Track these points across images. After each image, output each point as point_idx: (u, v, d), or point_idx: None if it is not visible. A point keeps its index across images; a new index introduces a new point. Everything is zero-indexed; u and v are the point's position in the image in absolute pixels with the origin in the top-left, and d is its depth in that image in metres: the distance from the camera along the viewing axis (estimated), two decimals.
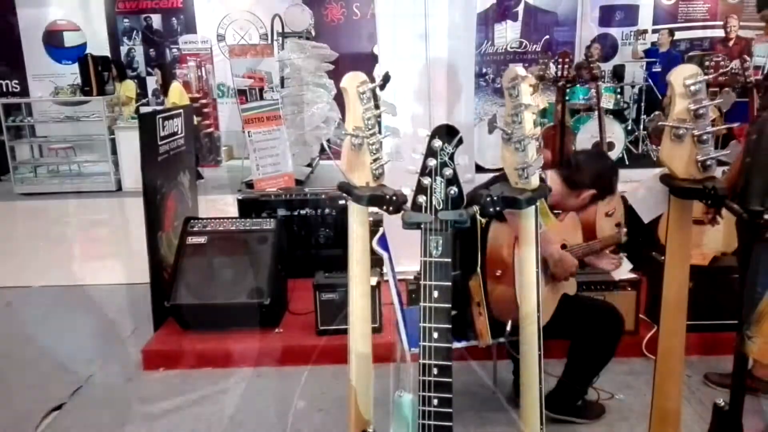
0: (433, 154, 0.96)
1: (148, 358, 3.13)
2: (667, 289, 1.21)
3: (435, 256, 0.96)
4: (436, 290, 0.97)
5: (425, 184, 0.96)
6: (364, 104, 1.11)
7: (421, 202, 0.96)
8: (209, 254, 3.25)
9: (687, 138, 1.12)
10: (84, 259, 5.13)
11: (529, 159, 1.14)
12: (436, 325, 0.97)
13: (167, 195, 3.45)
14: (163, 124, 3.34)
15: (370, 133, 1.12)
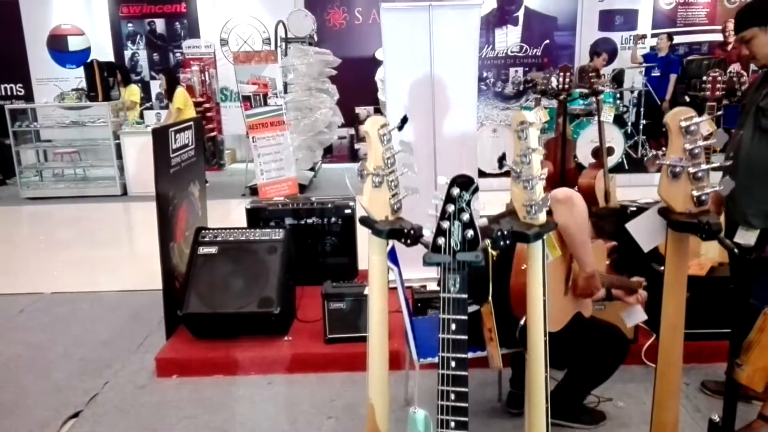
0: (452, 201, 1.05)
1: (162, 365, 3.21)
2: (665, 315, 1.30)
3: (453, 293, 1.05)
4: (453, 323, 1.06)
5: (444, 227, 1.05)
6: (385, 145, 1.20)
7: (440, 243, 1.05)
8: (220, 264, 3.34)
9: (683, 175, 1.21)
10: (94, 266, 5.21)
11: (536, 197, 1.22)
12: (454, 354, 1.06)
13: (179, 206, 3.54)
14: (175, 137, 3.43)
15: (389, 171, 1.20)
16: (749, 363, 1.04)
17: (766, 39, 2.31)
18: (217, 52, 9.51)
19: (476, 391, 2.99)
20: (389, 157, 1.20)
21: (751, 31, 2.33)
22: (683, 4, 9.73)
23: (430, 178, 3.91)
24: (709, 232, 1.17)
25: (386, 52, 3.74)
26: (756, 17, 2.32)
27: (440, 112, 3.82)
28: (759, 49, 2.35)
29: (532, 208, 1.22)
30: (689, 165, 1.19)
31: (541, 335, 1.28)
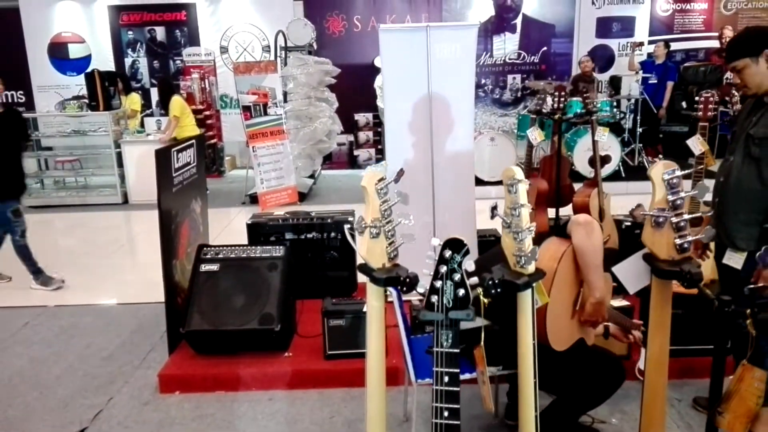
0: (445, 262, 1.12)
1: (164, 382, 3.27)
2: (650, 354, 1.36)
3: (446, 347, 1.11)
4: (446, 376, 1.13)
5: (437, 286, 1.12)
6: (381, 198, 1.26)
7: (434, 301, 1.11)
8: (221, 281, 3.40)
9: (666, 224, 1.27)
10: (95, 277, 5.26)
11: (525, 249, 1.29)
12: (446, 405, 1.12)
13: (181, 223, 3.60)
14: (177, 157, 3.49)
15: (386, 221, 1.27)
16: (729, 411, 1.10)
17: (757, 69, 2.37)
18: (217, 59, 9.57)
19: (475, 404, 3.06)
20: (386, 210, 1.27)
21: (743, 61, 2.39)
22: (680, 11, 9.81)
23: (427, 192, 3.98)
24: (691, 281, 1.24)
25: (385, 72, 3.80)
26: (748, 48, 2.38)
27: (438, 131, 3.89)
28: (750, 78, 2.41)
29: (522, 258, 1.28)
30: (672, 215, 1.26)
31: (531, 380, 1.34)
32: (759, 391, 1.08)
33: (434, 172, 3.95)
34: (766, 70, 2.35)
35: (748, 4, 9.81)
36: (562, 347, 2.22)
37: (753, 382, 1.07)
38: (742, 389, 1.08)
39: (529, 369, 1.36)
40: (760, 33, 2.44)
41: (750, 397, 1.08)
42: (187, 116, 7.61)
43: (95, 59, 9.56)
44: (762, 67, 2.35)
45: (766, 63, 2.35)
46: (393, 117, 3.88)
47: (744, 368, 1.08)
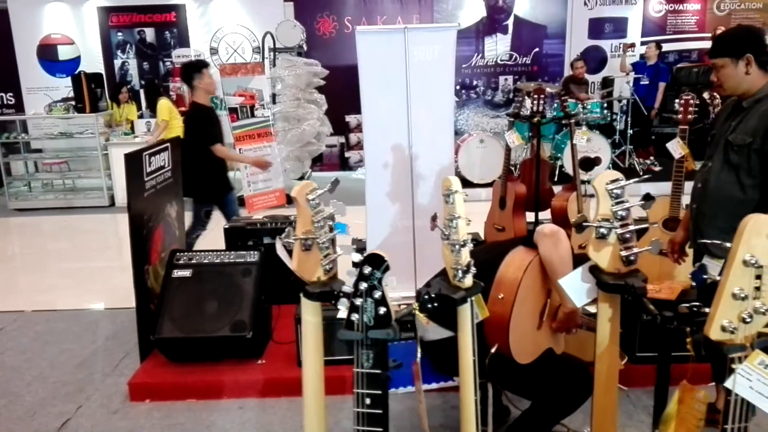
0: (365, 279, 1.06)
1: (134, 390, 3.22)
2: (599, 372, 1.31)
3: (366, 368, 1.06)
4: (368, 398, 1.07)
5: (357, 304, 1.06)
6: (314, 209, 1.21)
7: (354, 320, 1.06)
8: (194, 287, 3.35)
9: (611, 236, 1.22)
10: (76, 282, 5.21)
11: (462, 262, 1.24)
12: (369, 428, 1.07)
13: (154, 228, 3.54)
14: (150, 161, 3.44)
15: (320, 233, 1.21)
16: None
17: (735, 71, 2.30)
18: (207, 61, 9.50)
19: (450, 414, 3.01)
20: (319, 221, 1.21)
21: (723, 59, 2.32)
22: (673, 11, 9.76)
23: (407, 196, 3.92)
24: (634, 295, 1.18)
25: (362, 74, 3.73)
26: (732, 47, 2.32)
27: (417, 133, 3.82)
28: (726, 79, 2.35)
29: (458, 271, 1.23)
30: (616, 227, 1.20)
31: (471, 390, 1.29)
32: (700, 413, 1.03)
33: (413, 176, 3.89)
34: (744, 74, 2.29)
35: (741, 5, 9.76)
36: (527, 359, 2.16)
37: (694, 404, 1.02)
38: (683, 411, 1.03)
39: (469, 384, 1.31)
40: (747, 35, 2.37)
41: (691, 419, 1.02)
42: (175, 119, 7.54)
43: (85, 61, 9.51)
44: (740, 70, 2.29)
45: (745, 66, 2.28)
46: (371, 120, 3.82)
47: (684, 389, 1.02)
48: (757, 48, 2.27)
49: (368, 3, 9.47)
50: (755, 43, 2.29)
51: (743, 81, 2.30)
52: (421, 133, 3.84)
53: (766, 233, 0.93)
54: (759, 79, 2.29)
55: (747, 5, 9.74)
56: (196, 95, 4.42)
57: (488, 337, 2.16)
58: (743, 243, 0.94)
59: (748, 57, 2.26)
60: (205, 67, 4.46)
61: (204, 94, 4.44)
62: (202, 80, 4.36)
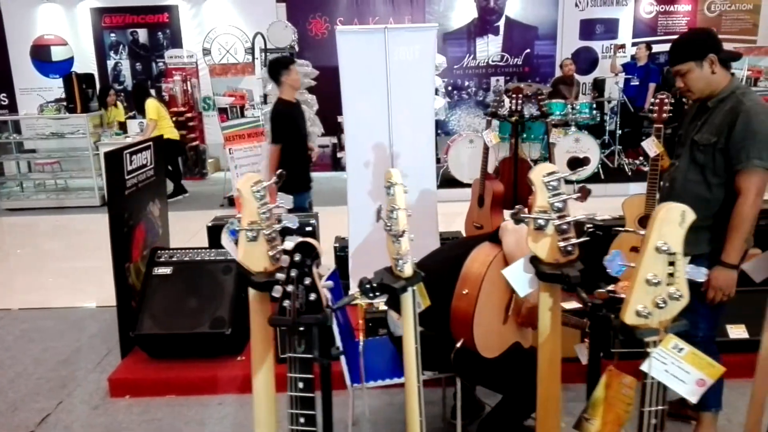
0: (296, 266, 1.10)
1: (114, 386, 3.25)
2: (542, 361, 1.34)
3: (299, 353, 1.09)
4: (301, 382, 1.10)
5: (289, 290, 1.10)
6: (259, 201, 1.24)
7: (285, 306, 1.09)
8: (174, 285, 3.38)
9: (549, 227, 1.25)
10: (65, 281, 5.24)
11: (402, 252, 1.27)
12: (302, 411, 1.10)
13: (136, 226, 3.58)
14: (131, 159, 3.47)
15: (266, 225, 1.24)
16: (597, 417, 1.08)
17: (701, 74, 2.31)
18: (200, 61, 9.55)
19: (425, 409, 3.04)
20: (264, 212, 1.24)
21: (687, 64, 2.32)
22: (663, 12, 9.80)
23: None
24: (569, 284, 1.22)
25: (343, 74, 3.78)
26: (692, 51, 2.32)
27: (398, 133, 3.87)
28: (693, 83, 2.35)
29: (398, 261, 1.26)
30: (554, 219, 1.24)
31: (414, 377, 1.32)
32: (628, 398, 1.06)
33: None
34: (710, 75, 2.30)
35: (732, 6, 9.81)
36: (493, 354, 2.20)
37: (621, 389, 1.05)
38: (610, 396, 1.06)
39: (412, 374, 1.34)
40: (704, 36, 2.39)
41: (619, 403, 1.05)
42: (164, 119, 7.60)
43: (78, 61, 9.55)
44: (706, 72, 2.30)
45: (710, 67, 2.29)
46: (352, 119, 3.86)
47: (611, 374, 1.06)
48: (717, 47, 2.30)
49: (360, 4, 9.52)
50: (714, 42, 2.32)
51: (710, 82, 2.31)
52: (402, 132, 3.88)
53: (678, 221, 0.97)
54: (723, 79, 2.31)
55: (737, 6, 9.79)
56: (282, 91, 4.46)
57: (453, 331, 2.20)
58: (655, 231, 0.97)
59: (711, 57, 2.28)
60: (292, 63, 4.51)
61: (290, 89, 4.48)
62: (289, 76, 4.41)
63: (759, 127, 2.15)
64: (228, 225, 1.28)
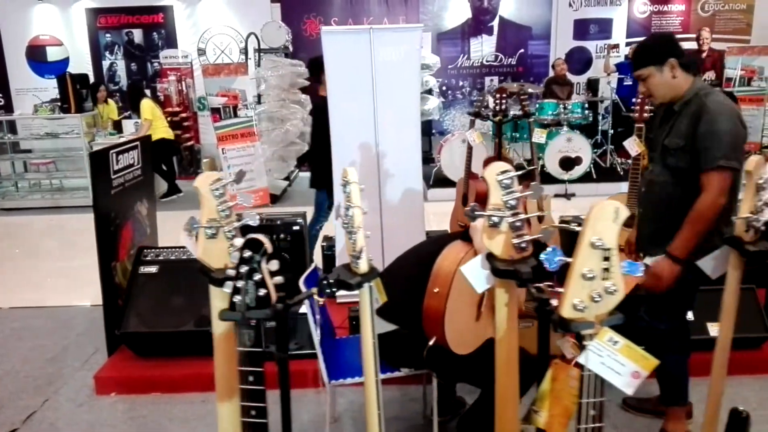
0: (245, 262, 1.12)
1: (100, 383, 3.28)
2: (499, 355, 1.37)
3: (248, 347, 1.12)
4: (251, 375, 1.13)
5: (239, 286, 1.12)
6: (218, 199, 1.27)
7: (236, 301, 1.12)
8: (160, 283, 3.41)
9: (503, 224, 1.28)
10: (58, 280, 5.28)
11: (357, 249, 1.30)
12: (254, 404, 1.13)
13: (122, 225, 3.60)
14: (117, 159, 3.50)
15: (226, 222, 1.27)
16: (545, 409, 1.11)
17: (662, 78, 2.32)
18: (195, 62, 9.58)
19: (405, 405, 3.08)
20: (224, 209, 1.27)
21: (647, 69, 2.35)
22: (657, 12, 9.83)
23: (374, 194, 3.99)
24: (521, 280, 1.25)
25: (328, 74, 3.80)
26: (652, 56, 2.34)
27: (384, 132, 3.89)
28: (655, 88, 2.37)
29: (353, 258, 1.29)
30: (507, 216, 1.26)
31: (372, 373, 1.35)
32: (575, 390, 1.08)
33: (380, 174, 3.95)
34: (671, 79, 2.31)
35: (725, 6, 9.83)
36: (466, 350, 2.22)
37: (568, 381, 1.07)
38: (557, 388, 1.08)
39: (370, 369, 1.37)
40: (664, 41, 2.41)
41: (566, 396, 1.08)
42: (158, 118, 7.63)
43: (73, 62, 9.58)
44: (667, 76, 2.31)
45: (670, 72, 2.30)
46: (338, 119, 3.88)
47: (557, 366, 1.08)
48: (677, 52, 2.32)
49: (354, 4, 9.55)
50: (674, 47, 2.34)
51: (672, 86, 2.33)
52: (388, 131, 3.91)
53: (612, 218, 1.00)
54: (685, 82, 2.33)
55: (730, 6, 9.81)
56: (323, 89, 4.50)
57: (426, 329, 2.23)
58: (590, 227, 0.99)
59: (671, 62, 2.29)
60: None
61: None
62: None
63: (721, 126, 2.17)
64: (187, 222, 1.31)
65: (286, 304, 1.14)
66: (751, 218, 1.48)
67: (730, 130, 2.17)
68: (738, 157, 2.16)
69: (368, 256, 1.31)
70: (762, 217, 1.42)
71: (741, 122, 2.24)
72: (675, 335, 2.45)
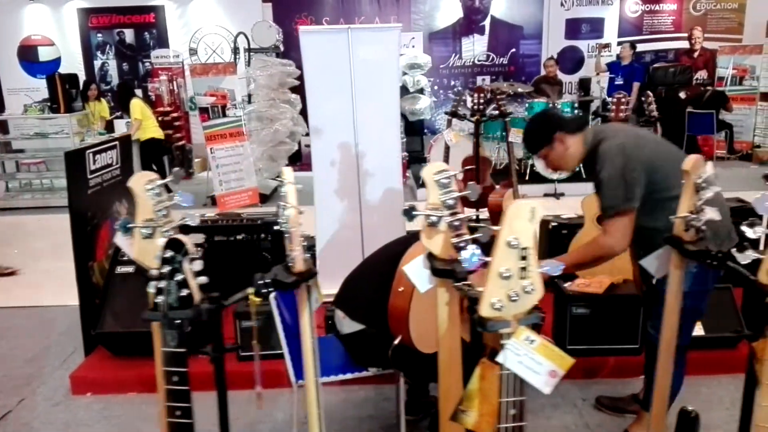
0: (168, 262, 1.13)
1: (76, 383, 3.28)
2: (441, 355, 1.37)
3: (172, 347, 1.13)
4: (175, 375, 1.14)
5: (161, 286, 1.13)
6: (153, 199, 1.27)
7: (158, 302, 1.13)
8: (136, 283, 3.40)
9: (442, 224, 1.28)
10: (44, 280, 5.28)
11: (292, 248, 1.30)
12: (177, 404, 1.13)
13: (99, 225, 3.61)
14: (94, 158, 3.50)
15: (163, 222, 1.28)
16: (474, 409, 1.11)
17: (557, 153, 2.36)
18: (186, 61, 9.59)
19: (379, 404, 3.09)
20: (160, 209, 1.28)
21: (542, 151, 2.40)
22: (649, 12, 9.83)
23: (354, 193, 3.99)
24: (457, 279, 1.25)
25: (307, 74, 3.81)
26: (539, 140, 2.39)
27: (363, 132, 3.89)
28: (557, 162, 2.42)
29: (289, 258, 1.29)
30: (445, 215, 1.27)
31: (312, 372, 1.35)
32: None
33: (360, 173, 3.96)
34: (565, 151, 2.34)
35: (717, 5, 9.83)
36: (432, 349, 2.22)
37: (495, 380, 1.08)
38: (485, 387, 1.09)
39: (310, 368, 1.37)
40: (544, 120, 2.46)
41: (494, 395, 1.08)
42: (148, 118, 7.63)
43: (65, 62, 9.59)
44: (560, 150, 2.34)
45: (562, 144, 2.33)
46: (317, 119, 3.89)
47: (485, 366, 1.09)
48: (559, 123, 2.34)
49: (346, 4, 9.55)
50: (555, 122, 2.37)
51: (570, 155, 2.36)
52: (367, 131, 3.91)
53: (528, 217, 1.00)
54: (579, 143, 2.34)
55: (722, 5, 9.81)
56: None
57: (391, 329, 2.23)
58: (506, 226, 1.00)
59: (558, 136, 2.32)
60: None
61: None
62: None
63: (606, 173, 2.18)
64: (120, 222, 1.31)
65: (220, 304, 1.15)
66: (689, 217, 1.48)
67: (616, 173, 2.16)
68: (629, 195, 2.15)
69: (305, 255, 1.31)
70: (703, 216, 1.42)
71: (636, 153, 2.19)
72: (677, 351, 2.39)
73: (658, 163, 2.16)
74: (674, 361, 2.35)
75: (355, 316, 2.35)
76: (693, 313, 2.33)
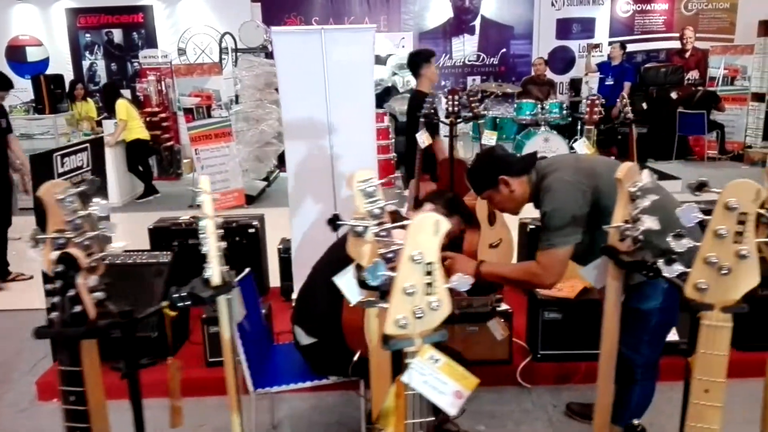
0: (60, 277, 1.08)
1: (42, 389, 3.24)
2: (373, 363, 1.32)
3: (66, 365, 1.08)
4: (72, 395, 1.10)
5: (55, 302, 1.09)
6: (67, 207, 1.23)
7: (53, 318, 1.08)
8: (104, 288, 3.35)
9: (368, 234, 1.23)
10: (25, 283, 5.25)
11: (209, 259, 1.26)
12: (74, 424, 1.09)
13: None
14: (62, 161, 3.46)
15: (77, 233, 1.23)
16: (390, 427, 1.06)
17: (503, 196, 2.32)
18: (175, 61, 9.54)
19: (346, 411, 3.05)
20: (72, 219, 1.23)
21: (487, 193, 2.36)
22: (640, 11, 9.79)
23: (329, 196, 3.94)
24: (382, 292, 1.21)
25: (280, 75, 3.77)
26: (484, 183, 2.34)
27: (337, 134, 3.85)
28: (503, 204, 2.39)
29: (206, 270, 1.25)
30: (371, 225, 1.22)
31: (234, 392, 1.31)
32: None
33: (335, 175, 3.91)
34: (510, 193, 2.29)
35: (709, 5, 9.79)
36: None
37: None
38: (401, 405, 1.04)
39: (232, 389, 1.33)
40: (488, 162, 2.41)
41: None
42: (134, 119, 7.58)
43: (53, 62, 9.55)
44: (505, 192, 2.29)
45: (506, 187, 2.28)
46: (291, 120, 3.84)
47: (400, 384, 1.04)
48: (502, 166, 2.29)
49: (335, 4, 9.51)
50: (498, 164, 2.31)
51: (516, 197, 2.31)
52: (342, 133, 3.86)
53: (432, 231, 0.95)
54: (524, 185, 2.29)
55: (714, 5, 9.77)
56: (420, 83, 4.49)
57: (349, 343, 2.19)
58: (410, 240, 0.95)
59: (502, 179, 2.26)
60: (433, 56, 4.60)
61: (428, 82, 4.51)
62: (429, 69, 4.46)
63: (550, 206, 2.14)
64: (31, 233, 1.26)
65: (134, 318, 1.10)
66: (623, 227, 1.44)
67: (558, 208, 2.12)
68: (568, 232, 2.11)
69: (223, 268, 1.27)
70: (640, 225, 1.38)
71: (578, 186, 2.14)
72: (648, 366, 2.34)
73: (604, 189, 2.09)
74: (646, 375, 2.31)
75: (311, 331, 2.31)
76: (664, 327, 2.29)
